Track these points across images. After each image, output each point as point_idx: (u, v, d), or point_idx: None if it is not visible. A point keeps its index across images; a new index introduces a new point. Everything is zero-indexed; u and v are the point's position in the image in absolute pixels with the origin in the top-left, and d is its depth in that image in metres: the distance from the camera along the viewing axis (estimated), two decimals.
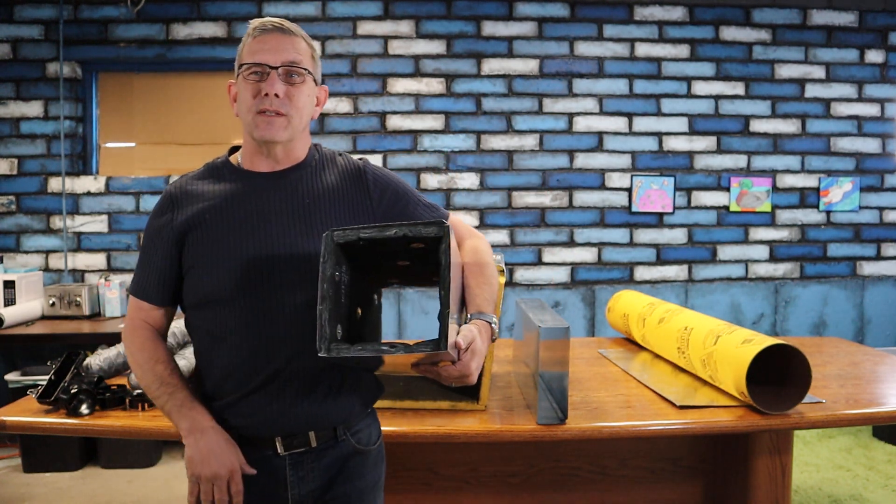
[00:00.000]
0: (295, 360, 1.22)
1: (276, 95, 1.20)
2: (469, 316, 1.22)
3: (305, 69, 1.23)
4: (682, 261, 4.16)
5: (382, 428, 1.41)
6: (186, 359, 2.04)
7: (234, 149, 1.36)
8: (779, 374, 1.79)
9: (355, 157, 1.36)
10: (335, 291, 1.11)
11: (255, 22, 1.23)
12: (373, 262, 1.21)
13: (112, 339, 3.12)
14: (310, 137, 1.35)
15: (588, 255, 4.11)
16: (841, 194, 4.22)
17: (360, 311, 1.23)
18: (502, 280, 1.80)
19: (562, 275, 4.10)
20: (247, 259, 1.22)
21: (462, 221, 1.40)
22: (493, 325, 1.20)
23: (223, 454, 1.19)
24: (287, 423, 1.23)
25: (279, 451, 1.24)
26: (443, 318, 1.02)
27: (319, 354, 1.05)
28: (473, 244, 1.34)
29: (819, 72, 4.18)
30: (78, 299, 3.63)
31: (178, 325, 2.03)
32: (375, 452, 1.36)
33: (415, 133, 3.99)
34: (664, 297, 4.09)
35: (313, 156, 1.32)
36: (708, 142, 4.14)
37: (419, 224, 1.09)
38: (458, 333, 1.10)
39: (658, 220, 4.14)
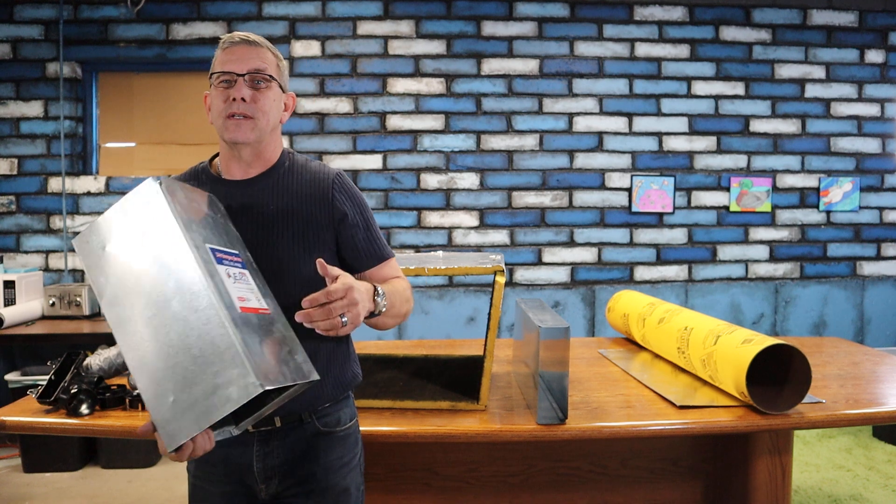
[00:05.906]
0: None
1: (243, 99, 1.29)
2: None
3: (270, 76, 1.32)
4: (682, 261, 4.16)
5: (382, 428, 1.40)
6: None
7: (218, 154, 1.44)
8: (779, 374, 1.79)
9: (333, 168, 1.40)
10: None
11: (225, 36, 1.34)
12: None
13: (112, 339, 3.12)
14: (282, 142, 1.42)
15: (588, 255, 4.11)
16: (841, 194, 4.22)
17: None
18: (501, 280, 1.81)
19: (562, 275, 4.10)
20: None
21: (398, 267, 1.48)
22: (377, 291, 1.25)
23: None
24: None
25: (248, 427, 1.29)
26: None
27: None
28: (395, 282, 1.40)
29: (819, 72, 4.18)
30: (78, 299, 3.63)
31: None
32: (344, 434, 1.41)
33: (415, 133, 3.99)
34: (664, 297, 4.09)
35: (283, 161, 1.39)
36: (708, 142, 4.14)
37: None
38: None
39: (658, 220, 4.13)
